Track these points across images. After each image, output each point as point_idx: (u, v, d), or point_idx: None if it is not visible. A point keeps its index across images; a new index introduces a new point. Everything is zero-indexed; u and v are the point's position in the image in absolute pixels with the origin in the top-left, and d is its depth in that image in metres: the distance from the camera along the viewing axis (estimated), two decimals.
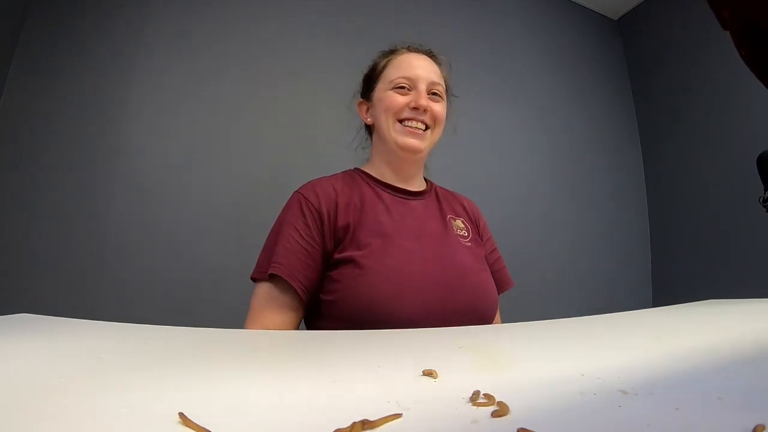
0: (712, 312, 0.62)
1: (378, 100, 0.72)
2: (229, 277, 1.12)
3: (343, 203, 0.66)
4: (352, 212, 0.65)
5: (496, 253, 0.79)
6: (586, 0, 1.98)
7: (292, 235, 0.62)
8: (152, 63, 1.16)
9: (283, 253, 0.60)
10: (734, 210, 1.50)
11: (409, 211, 0.70)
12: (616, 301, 1.68)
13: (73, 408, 0.19)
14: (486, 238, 0.79)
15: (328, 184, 0.69)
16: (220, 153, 1.20)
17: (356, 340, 0.41)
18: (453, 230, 0.71)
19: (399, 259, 0.61)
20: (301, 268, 0.60)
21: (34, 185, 1.01)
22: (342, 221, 0.64)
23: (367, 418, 0.18)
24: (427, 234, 0.67)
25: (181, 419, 0.17)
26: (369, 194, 0.69)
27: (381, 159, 0.74)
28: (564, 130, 1.80)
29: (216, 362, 0.30)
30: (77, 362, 0.28)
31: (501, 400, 0.20)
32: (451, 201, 0.78)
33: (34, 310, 0.48)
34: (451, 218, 0.73)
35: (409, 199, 0.72)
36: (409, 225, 0.67)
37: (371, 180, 0.73)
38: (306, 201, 0.65)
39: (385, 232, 0.63)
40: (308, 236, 0.62)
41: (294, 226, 0.63)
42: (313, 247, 0.62)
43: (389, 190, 0.72)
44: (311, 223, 0.63)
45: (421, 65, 0.72)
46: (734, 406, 0.20)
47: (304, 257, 0.61)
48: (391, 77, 0.71)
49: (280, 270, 0.59)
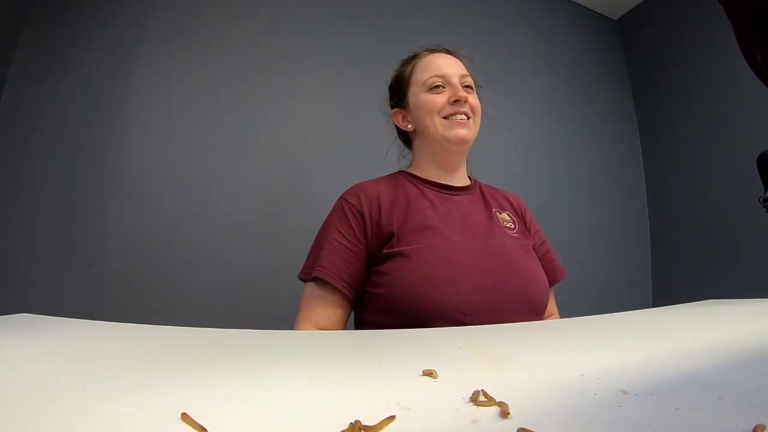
0: (712, 312, 0.62)
1: (416, 104, 0.74)
2: (229, 276, 1.12)
3: (387, 203, 0.68)
4: (397, 210, 0.68)
5: (546, 245, 0.81)
6: (586, 0, 1.98)
7: (335, 237, 0.66)
8: (155, 61, 1.16)
9: (327, 256, 0.65)
10: (734, 210, 1.50)
11: (454, 206, 0.72)
12: (616, 301, 1.68)
13: (74, 408, 0.19)
14: (534, 230, 0.80)
15: (371, 187, 0.72)
16: (221, 153, 1.20)
17: (356, 340, 0.41)
18: (499, 222, 0.72)
19: (446, 249, 0.63)
20: (344, 267, 0.64)
21: (35, 185, 1.01)
22: (386, 220, 0.66)
23: (361, 420, 0.18)
24: (473, 226, 0.69)
25: (183, 419, 0.17)
26: (413, 192, 0.72)
27: (426, 159, 0.76)
28: (563, 130, 1.80)
29: (216, 362, 0.30)
30: (77, 362, 0.28)
31: (501, 401, 0.20)
32: (496, 195, 0.81)
33: (34, 310, 0.48)
34: (497, 211, 0.75)
35: (453, 194, 0.74)
36: (455, 218, 0.69)
37: (415, 179, 0.75)
38: (348, 204, 0.69)
39: (431, 225, 0.66)
40: (352, 236, 0.66)
41: (337, 228, 0.67)
42: (357, 246, 0.66)
43: (434, 187, 0.74)
44: (354, 224, 0.67)
45: (447, 63, 0.74)
46: (734, 406, 0.20)
47: (348, 256, 0.65)
48: (423, 79, 0.73)
49: (323, 273, 0.63)
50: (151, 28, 1.18)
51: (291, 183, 1.25)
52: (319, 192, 1.25)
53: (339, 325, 0.64)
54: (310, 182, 1.27)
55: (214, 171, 1.18)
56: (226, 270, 1.13)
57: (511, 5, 1.81)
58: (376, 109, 0.88)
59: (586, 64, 1.93)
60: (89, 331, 0.40)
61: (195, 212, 1.13)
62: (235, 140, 1.22)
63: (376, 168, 0.86)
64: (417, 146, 0.79)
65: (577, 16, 1.98)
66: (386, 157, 0.85)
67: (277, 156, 1.26)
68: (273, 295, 1.14)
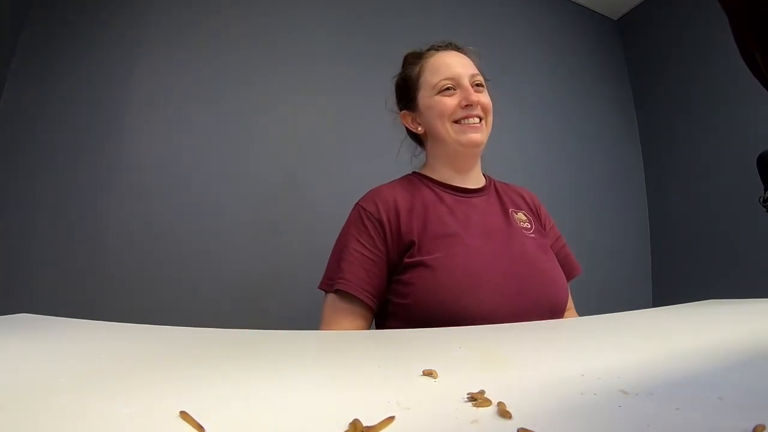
0: (712, 312, 0.62)
1: (426, 108, 0.73)
2: (230, 277, 1.12)
3: (405, 210, 0.68)
4: (416, 218, 0.67)
5: (561, 241, 0.81)
6: (586, 0, 1.98)
7: (355, 248, 0.65)
8: (155, 61, 1.16)
9: (348, 268, 0.64)
10: (734, 210, 1.50)
11: (471, 209, 0.71)
12: (616, 301, 1.68)
13: (73, 408, 0.19)
14: (549, 226, 0.80)
15: (387, 193, 0.71)
16: (222, 153, 1.20)
17: (356, 340, 0.41)
18: (516, 223, 0.72)
19: (468, 257, 0.62)
20: (366, 277, 0.63)
21: (35, 185, 1.01)
22: (405, 227, 0.66)
23: (361, 420, 0.18)
24: (492, 230, 0.68)
25: (181, 416, 0.17)
26: (430, 197, 0.71)
27: (440, 162, 0.75)
28: (563, 130, 1.80)
29: (216, 362, 0.30)
30: (77, 362, 0.28)
31: (501, 401, 0.20)
32: (511, 194, 0.80)
33: (34, 310, 0.48)
34: (513, 211, 0.74)
35: (470, 197, 0.73)
36: (474, 222, 0.68)
37: (431, 182, 0.74)
38: (366, 213, 0.68)
39: (451, 232, 0.65)
40: (372, 246, 0.65)
41: (356, 238, 0.66)
42: (378, 256, 0.65)
43: (450, 190, 0.73)
44: (374, 233, 0.66)
45: (456, 62, 0.73)
46: (734, 406, 0.20)
47: (370, 266, 0.64)
48: (433, 82, 0.72)
49: (346, 286, 0.62)
50: (151, 28, 1.18)
51: (291, 183, 1.25)
52: (319, 193, 1.25)
53: None
54: (312, 182, 1.27)
55: (214, 171, 1.18)
56: (227, 270, 1.13)
57: (511, 5, 1.81)
58: (377, 109, 0.87)
59: (586, 64, 1.93)
60: (89, 331, 0.40)
61: (195, 212, 1.13)
62: (236, 140, 1.22)
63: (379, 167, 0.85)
64: (430, 148, 0.77)
65: (577, 16, 1.98)
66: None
67: (277, 156, 1.26)
68: (274, 295, 1.14)
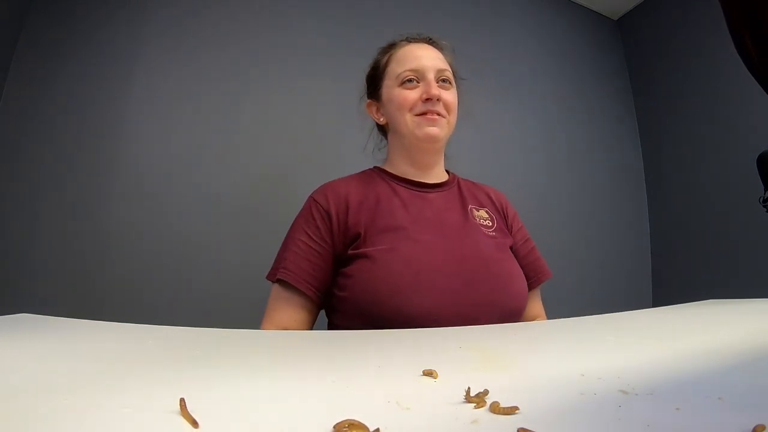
0: (712, 312, 0.61)
1: (388, 98, 0.71)
2: (229, 276, 1.12)
3: (355, 203, 0.66)
4: (366, 210, 0.65)
5: (530, 243, 0.77)
6: (586, 0, 1.98)
7: (301, 239, 0.64)
8: (154, 61, 1.16)
9: (292, 258, 0.63)
10: (734, 210, 1.50)
11: (426, 204, 0.69)
12: (616, 301, 1.68)
13: (73, 408, 0.19)
14: (517, 228, 0.76)
15: (340, 186, 0.69)
16: (222, 153, 1.20)
17: (356, 340, 0.41)
18: (474, 220, 0.69)
19: (413, 251, 0.60)
20: (310, 269, 0.62)
21: (35, 185, 1.01)
22: (353, 219, 0.64)
23: (361, 420, 0.17)
24: (446, 225, 0.66)
25: (180, 404, 0.17)
26: (385, 191, 0.69)
27: (399, 155, 0.73)
28: (563, 130, 1.80)
29: (216, 362, 0.30)
30: (77, 362, 0.28)
31: (501, 401, 0.20)
32: (475, 192, 0.77)
33: (34, 310, 0.48)
34: (474, 208, 0.72)
35: (427, 192, 0.71)
36: (427, 217, 0.66)
37: (388, 176, 0.72)
38: (316, 204, 0.67)
39: (399, 225, 0.63)
40: (318, 237, 0.64)
41: (304, 230, 0.65)
42: (323, 248, 0.64)
43: (405, 184, 0.71)
44: (321, 224, 0.65)
45: (424, 55, 0.70)
46: (734, 406, 0.20)
47: (314, 258, 0.63)
48: (397, 72, 0.69)
49: (287, 275, 0.61)
50: (150, 28, 1.18)
51: (292, 183, 1.25)
52: None
53: (304, 326, 0.62)
54: (312, 182, 1.27)
55: (214, 171, 1.18)
56: (228, 270, 1.13)
57: (510, 5, 1.81)
58: None
59: (586, 64, 1.93)
60: (89, 331, 0.40)
61: (196, 212, 1.13)
62: (237, 140, 1.22)
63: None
64: (390, 141, 0.75)
65: (577, 16, 1.98)
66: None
67: (278, 156, 1.26)
68: None
